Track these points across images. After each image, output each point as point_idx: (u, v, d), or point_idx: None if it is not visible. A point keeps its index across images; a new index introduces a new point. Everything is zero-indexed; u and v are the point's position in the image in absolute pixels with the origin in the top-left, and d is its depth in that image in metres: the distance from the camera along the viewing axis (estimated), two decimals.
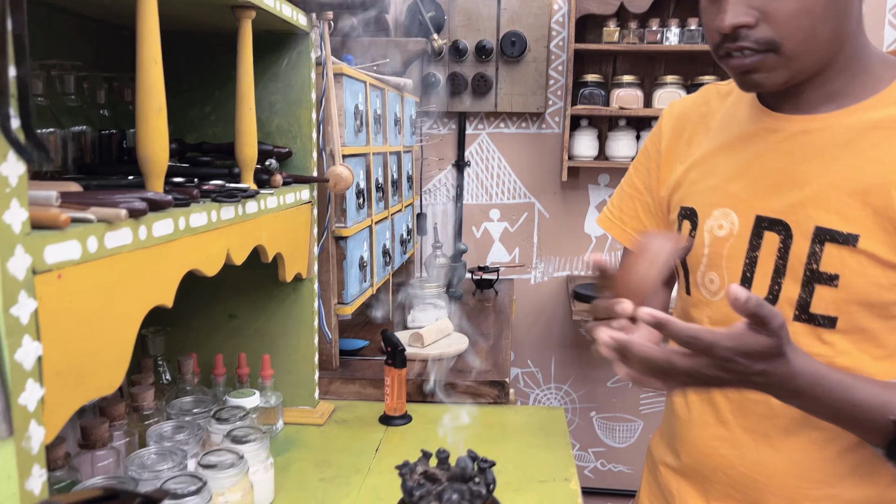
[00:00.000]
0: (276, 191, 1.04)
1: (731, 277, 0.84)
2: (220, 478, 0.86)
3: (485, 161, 2.34)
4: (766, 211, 0.81)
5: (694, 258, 0.88)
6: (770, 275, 0.80)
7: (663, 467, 0.97)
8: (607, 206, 1.06)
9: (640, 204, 1.01)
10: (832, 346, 0.77)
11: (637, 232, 1.01)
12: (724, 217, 0.85)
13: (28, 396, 0.52)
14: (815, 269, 0.77)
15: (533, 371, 2.45)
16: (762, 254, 0.81)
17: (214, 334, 1.27)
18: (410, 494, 0.72)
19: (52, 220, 0.56)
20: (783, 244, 0.79)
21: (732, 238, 0.84)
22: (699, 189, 0.89)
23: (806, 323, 0.78)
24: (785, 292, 0.79)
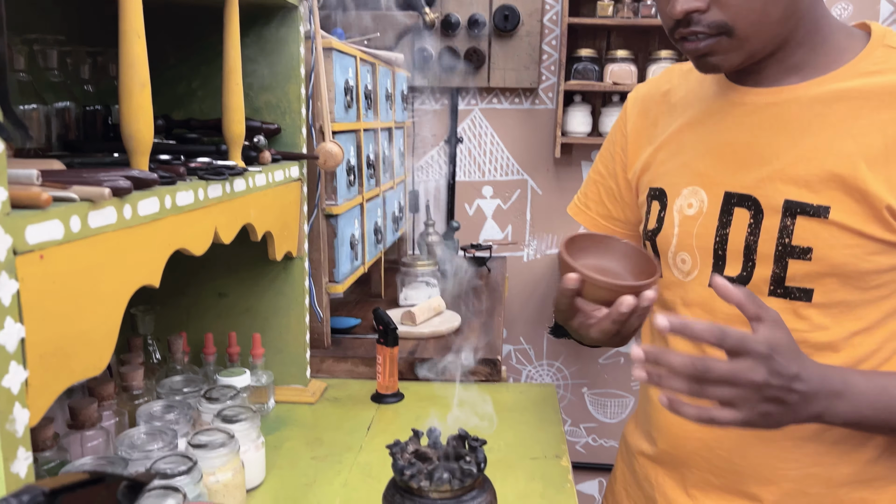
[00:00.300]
0: (264, 168, 1.02)
1: (702, 256, 0.83)
2: (211, 457, 0.86)
3: (477, 137, 2.32)
4: (734, 187, 0.80)
5: (664, 239, 0.87)
6: (742, 251, 0.80)
7: (640, 456, 0.96)
8: (577, 194, 1.07)
9: (603, 189, 1.01)
10: (808, 320, 0.77)
11: (602, 217, 1.01)
12: (694, 195, 0.84)
13: (11, 379, 0.51)
14: (788, 244, 0.76)
15: (525, 348, 2.46)
16: (733, 231, 0.80)
17: (204, 313, 1.26)
18: (401, 473, 0.72)
19: (34, 200, 0.55)
20: (754, 220, 0.78)
21: (702, 216, 0.83)
22: (668, 169, 0.88)
23: (781, 297, 0.78)
24: (759, 269, 0.79)
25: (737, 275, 0.80)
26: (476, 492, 0.72)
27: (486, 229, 2.38)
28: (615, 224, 1.01)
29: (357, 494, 0.96)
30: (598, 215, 1.02)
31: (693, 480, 0.87)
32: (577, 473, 2.52)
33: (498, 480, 0.97)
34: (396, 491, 0.73)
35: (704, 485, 0.86)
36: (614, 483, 1.04)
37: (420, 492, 0.71)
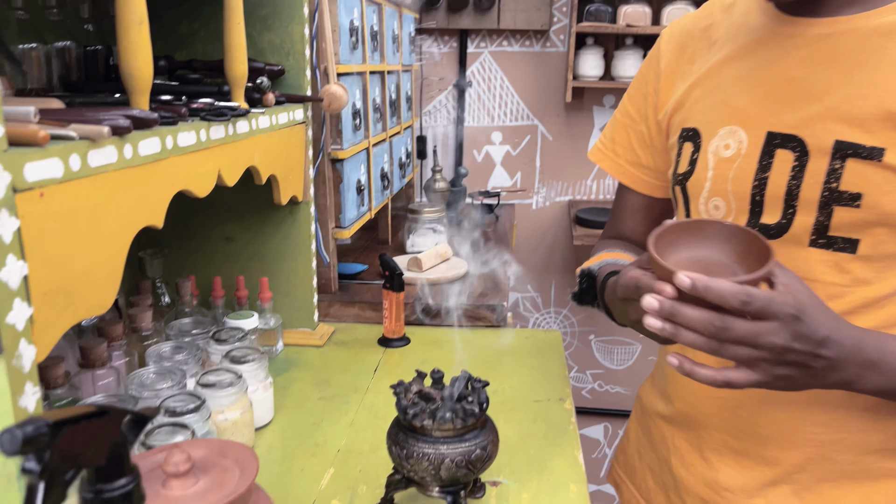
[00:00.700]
0: (267, 110, 1.01)
1: (737, 202, 0.77)
2: (220, 396, 0.87)
3: (487, 81, 2.28)
4: (778, 126, 0.73)
5: (696, 183, 0.81)
6: (782, 198, 0.73)
7: (655, 417, 0.92)
8: (600, 137, 1.00)
9: (633, 133, 0.94)
10: (851, 274, 0.71)
11: (630, 164, 0.95)
12: (732, 136, 0.77)
13: (16, 315, 0.52)
14: (835, 189, 0.69)
15: (533, 296, 2.47)
16: (773, 174, 0.73)
17: (212, 257, 1.27)
18: (405, 413, 0.73)
19: (31, 137, 0.54)
20: (798, 162, 0.72)
21: (740, 158, 0.76)
22: (703, 107, 0.81)
23: (823, 248, 0.71)
24: (800, 216, 0.72)
25: (775, 223, 0.74)
26: (478, 431, 0.74)
27: (495, 176, 2.36)
28: (643, 172, 0.94)
29: (363, 434, 0.98)
30: (627, 162, 0.95)
31: (710, 443, 0.82)
32: (582, 418, 2.56)
33: (501, 422, 0.99)
34: (400, 430, 0.74)
35: (722, 447, 0.81)
36: (627, 444, 1.01)
37: (423, 430, 0.72)
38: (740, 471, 0.80)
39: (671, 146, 0.87)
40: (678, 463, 0.86)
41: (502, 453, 0.91)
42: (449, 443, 0.71)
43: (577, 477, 0.87)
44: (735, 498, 0.80)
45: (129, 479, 0.45)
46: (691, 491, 0.84)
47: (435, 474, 0.71)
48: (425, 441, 0.72)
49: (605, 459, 2.60)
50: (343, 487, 0.85)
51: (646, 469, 0.94)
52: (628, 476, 0.99)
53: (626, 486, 0.99)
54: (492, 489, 0.85)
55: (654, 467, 0.92)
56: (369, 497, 0.83)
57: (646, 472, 0.94)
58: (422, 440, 0.72)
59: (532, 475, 0.88)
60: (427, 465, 0.71)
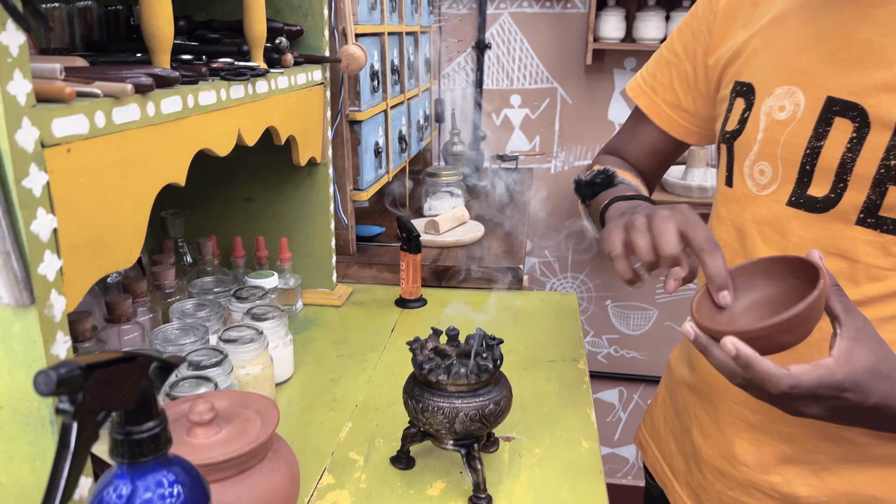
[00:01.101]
0: (286, 71, 1.01)
1: (785, 169, 0.72)
2: (241, 352, 0.90)
3: (506, 43, 2.26)
4: (840, 92, 0.67)
5: (744, 143, 0.76)
6: (834, 170, 0.68)
7: (681, 384, 0.90)
8: (640, 71, 0.94)
9: (676, 72, 0.88)
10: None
11: (667, 104, 0.90)
12: (788, 96, 0.71)
13: (46, 267, 0.54)
14: (893, 167, 0.64)
15: (550, 261, 2.47)
16: (828, 144, 0.68)
17: (232, 218, 1.29)
18: (420, 368, 0.75)
19: (57, 93, 0.55)
20: (856, 134, 0.66)
21: (794, 122, 0.71)
22: (761, 60, 0.75)
23: (871, 228, 0.67)
24: (850, 192, 0.67)
25: (822, 196, 0.69)
26: (492, 387, 0.75)
27: (514, 140, 2.35)
28: (680, 115, 0.90)
29: (380, 390, 1.00)
30: (665, 102, 0.90)
31: (727, 415, 0.81)
32: (598, 382, 2.58)
33: (515, 381, 1.01)
34: (416, 384, 0.76)
35: (738, 420, 0.79)
36: (655, 408, 1.00)
37: (438, 385, 0.74)
38: (757, 445, 0.78)
39: (721, 98, 0.82)
40: (698, 433, 0.86)
41: (515, 411, 0.93)
42: (463, 397, 0.73)
43: (589, 434, 0.89)
44: (751, 472, 0.78)
45: (156, 423, 0.47)
46: (709, 462, 0.84)
47: (449, 427, 0.73)
48: (440, 395, 0.73)
49: (620, 423, 2.63)
50: (361, 440, 0.88)
51: (669, 434, 0.94)
52: (653, 440, 0.99)
53: (651, 449, 0.99)
54: (505, 444, 0.87)
55: (677, 434, 0.92)
56: (386, 449, 0.86)
57: (669, 438, 0.94)
58: (437, 394, 0.74)
59: (545, 431, 0.90)
60: (442, 419, 0.73)
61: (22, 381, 0.55)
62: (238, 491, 0.64)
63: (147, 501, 0.47)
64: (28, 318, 0.53)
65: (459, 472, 0.81)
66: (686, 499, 0.89)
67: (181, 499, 0.48)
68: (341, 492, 0.78)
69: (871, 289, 0.68)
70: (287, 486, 0.68)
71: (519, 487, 0.79)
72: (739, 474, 0.80)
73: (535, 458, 0.84)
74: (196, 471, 0.51)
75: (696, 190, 1.99)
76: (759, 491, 0.78)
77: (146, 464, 0.47)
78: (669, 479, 0.93)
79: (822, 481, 0.74)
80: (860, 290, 0.68)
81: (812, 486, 0.74)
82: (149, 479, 0.47)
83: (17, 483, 0.58)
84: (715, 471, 0.83)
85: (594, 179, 0.87)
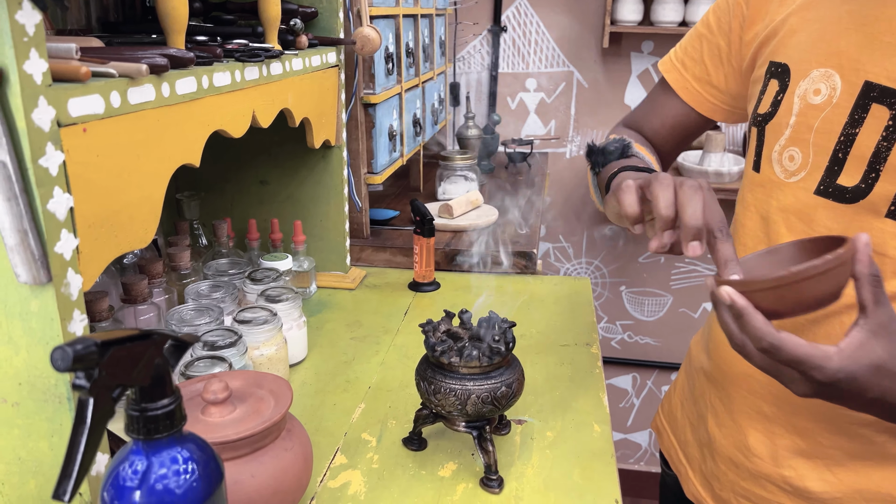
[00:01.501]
0: (301, 52, 1.01)
1: (816, 155, 0.69)
2: (255, 333, 0.91)
3: (522, 26, 2.24)
4: (879, 77, 0.64)
5: (776, 127, 0.73)
6: (867, 159, 0.65)
7: (700, 371, 0.89)
8: (675, 47, 0.92)
9: (707, 46, 0.85)
10: None
11: (696, 79, 0.88)
12: (825, 80, 0.69)
13: (63, 245, 0.54)
14: None
15: (564, 246, 2.46)
16: (864, 132, 0.65)
17: (247, 200, 1.30)
18: (433, 350, 0.75)
19: (73, 73, 0.56)
20: (893, 122, 0.63)
21: (830, 107, 0.68)
22: (798, 41, 0.72)
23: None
24: (882, 183, 0.65)
25: (852, 185, 0.67)
26: (503, 369, 0.75)
27: (529, 124, 2.33)
28: (710, 92, 0.87)
29: (393, 372, 1.01)
30: (693, 77, 0.87)
31: (741, 405, 0.80)
32: (611, 368, 2.58)
33: (527, 364, 1.01)
34: (429, 366, 0.76)
35: (752, 411, 0.78)
36: (673, 393, 0.99)
37: (450, 367, 0.74)
38: (771, 437, 0.77)
39: (756, 79, 0.79)
40: (713, 422, 0.85)
41: (528, 394, 0.93)
42: (475, 379, 0.73)
43: (601, 418, 0.89)
44: (764, 464, 0.78)
45: (171, 400, 0.47)
46: (722, 452, 0.83)
47: (461, 409, 0.74)
48: (452, 377, 0.74)
49: (633, 409, 2.63)
50: (373, 421, 0.89)
51: (686, 421, 0.93)
52: (670, 425, 0.98)
53: (667, 434, 0.98)
54: (517, 427, 0.87)
55: (693, 421, 0.91)
56: (398, 431, 0.86)
57: (686, 424, 0.93)
58: (449, 376, 0.74)
59: (557, 415, 0.90)
60: (454, 401, 0.73)
61: (39, 359, 0.56)
62: (252, 469, 0.64)
63: (162, 477, 0.47)
64: (45, 296, 0.54)
65: (471, 453, 0.82)
66: (699, 487, 0.88)
67: (195, 475, 0.49)
68: (354, 472, 0.79)
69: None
70: (300, 465, 0.68)
71: (530, 470, 0.79)
72: (752, 466, 0.79)
73: (547, 441, 0.84)
74: (210, 448, 0.52)
75: (713, 175, 1.97)
76: (771, 483, 0.78)
77: (161, 440, 0.48)
78: (684, 465, 0.92)
79: (836, 476, 0.73)
80: (887, 286, 0.66)
81: (825, 482, 0.73)
82: (164, 456, 0.48)
83: (35, 458, 0.59)
84: (728, 461, 0.82)
85: (608, 147, 0.85)
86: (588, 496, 0.75)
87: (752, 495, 0.80)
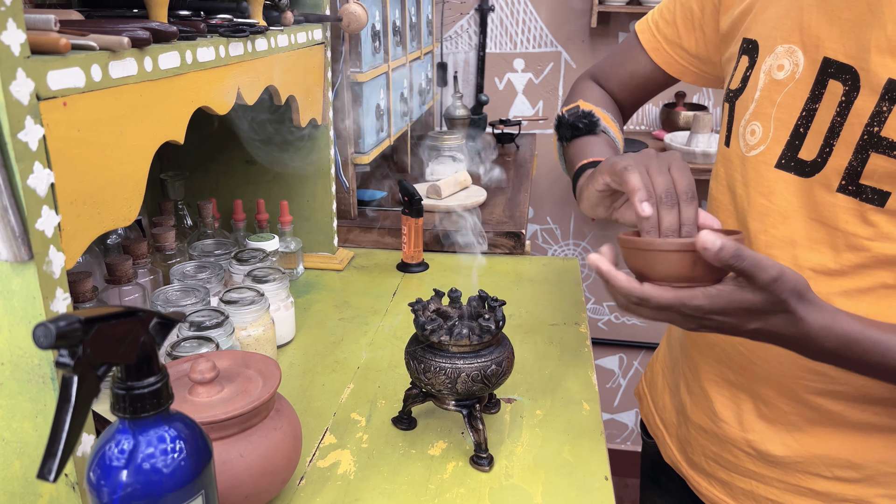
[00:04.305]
0: (286, 29, 0.99)
1: (777, 130, 0.70)
2: (242, 313, 0.90)
3: (510, 5, 2.21)
4: (836, 53, 0.65)
5: (743, 103, 0.74)
6: (823, 133, 0.67)
7: (675, 340, 0.92)
8: (653, 9, 0.93)
9: (681, 8, 0.86)
10: (875, 227, 0.66)
11: (667, 41, 0.88)
12: (788, 56, 0.69)
13: (44, 222, 0.53)
14: (875, 133, 0.63)
15: (552, 227, 2.46)
16: (822, 107, 0.66)
17: (232, 180, 1.28)
18: (423, 329, 0.74)
19: (52, 45, 0.54)
20: (845, 98, 0.64)
21: (792, 83, 0.69)
22: (768, 16, 0.72)
23: (851, 196, 0.66)
24: (834, 157, 0.66)
25: (811, 160, 0.68)
26: (493, 347, 0.75)
27: (517, 104, 2.32)
28: (679, 54, 0.88)
29: (382, 352, 1.00)
30: (664, 39, 0.88)
31: (707, 373, 0.82)
32: (598, 349, 2.59)
33: (517, 344, 1.01)
34: (418, 345, 0.76)
35: (719, 378, 0.80)
36: (655, 361, 1.01)
37: (440, 345, 0.74)
38: (736, 402, 0.79)
39: (730, 56, 0.80)
40: (685, 389, 0.87)
41: (517, 373, 0.93)
42: (465, 358, 0.73)
43: (590, 396, 0.89)
44: (730, 429, 0.80)
45: (158, 378, 0.47)
46: (693, 418, 0.85)
47: (451, 388, 0.73)
48: (442, 356, 0.73)
49: (620, 389, 2.65)
50: (362, 401, 0.88)
51: (666, 387, 0.95)
52: (650, 391, 1.00)
53: (647, 400, 1.00)
54: (506, 405, 0.87)
55: (671, 387, 0.93)
56: (388, 410, 0.86)
57: (665, 391, 0.95)
58: (439, 355, 0.74)
59: (546, 393, 0.90)
60: (444, 379, 0.73)
61: (22, 338, 0.55)
62: (241, 449, 0.64)
63: (149, 456, 0.47)
64: (27, 273, 0.53)
65: (461, 432, 0.82)
66: (675, 451, 0.91)
67: (183, 454, 0.48)
68: (343, 451, 0.79)
69: (850, 258, 0.67)
70: (289, 444, 0.68)
71: (520, 448, 0.79)
72: (720, 430, 0.81)
73: (537, 419, 0.85)
74: (198, 427, 0.51)
75: (701, 156, 1.97)
76: (737, 448, 0.80)
77: (148, 419, 0.47)
78: (661, 430, 0.94)
79: (797, 441, 0.75)
80: (839, 259, 0.68)
81: (787, 446, 0.76)
82: (150, 434, 0.47)
83: (19, 439, 0.59)
84: (698, 427, 0.85)
85: (577, 123, 0.88)
86: (577, 473, 0.75)
87: (721, 459, 0.82)
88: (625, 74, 0.96)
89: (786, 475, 0.76)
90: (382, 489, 0.73)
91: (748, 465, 0.79)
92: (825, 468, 0.74)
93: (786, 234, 0.71)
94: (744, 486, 0.80)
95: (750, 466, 0.79)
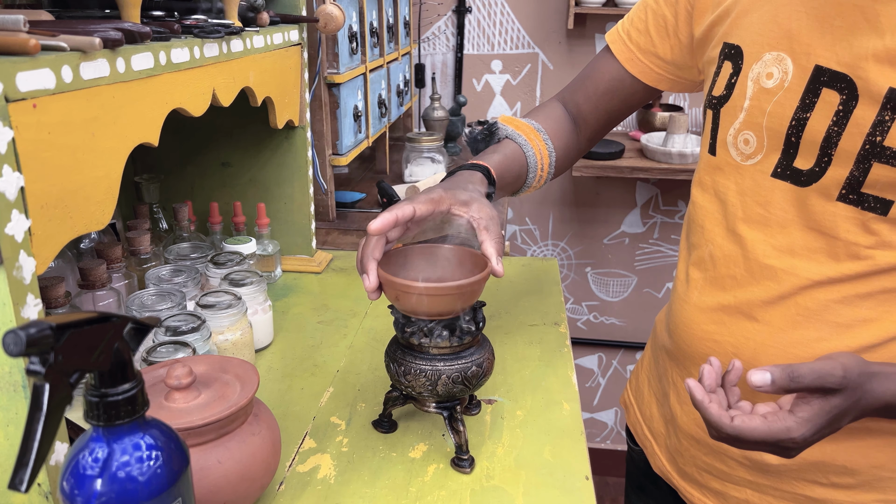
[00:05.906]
0: (262, 30, 0.98)
1: (770, 140, 0.70)
2: (219, 317, 0.89)
3: (487, 7, 2.22)
4: (829, 61, 0.64)
5: (730, 111, 0.73)
6: (819, 144, 0.66)
7: (662, 349, 0.90)
8: (622, 19, 0.91)
9: (653, 16, 0.85)
10: (877, 236, 0.65)
11: (641, 50, 0.87)
12: (777, 63, 0.69)
13: (14, 227, 0.52)
14: (878, 143, 0.62)
15: (531, 228, 2.47)
16: (815, 115, 0.66)
17: (208, 183, 1.27)
18: (403, 331, 0.74)
19: (21, 46, 0.53)
20: (843, 107, 0.64)
21: (781, 91, 0.68)
22: (751, 21, 0.71)
23: (852, 205, 0.65)
24: (834, 167, 0.65)
25: (807, 169, 0.67)
26: (474, 349, 0.75)
27: (495, 106, 2.32)
28: (656, 63, 0.87)
29: (361, 355, 1.00)
30: (638, 49, 0.87)
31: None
32: (577, 349, 2.61)
33: (497, 345, 1.01)
34: (398, 347, 0.76)
35: None
36: (640, 369, 1.00)
37: (420, 348, 0.73)
38: None
39: (710, 60, 0.79)
40: (675, 399, 0.86)
41: (497, 374, 0.93)
42: (446, 359, 0.73)
43: (570, 396, 0.90)
44: None
45: (133, 384, 0.46)
46: (684, 428, 0.84)
47: (432, 390, 0.73)
48: (423, 358, 0.73)
49: (599, 389, 2.66)
50: (342, 405, 0.88)
51: (652, 397, 0.94)
52: (637, 401, 0.99)
53: (634, 409, 0.99)
54: (487, 406, 0.87)
55: (658, 397, 0.92)
56: (368, 413, 0.86)
57: (652, 400, 0.94)
58: (419, 357, 0.73)
59: (526, 394, 0.90)
60: (424, 381, 0.73)
61: None
62: (218, 455, 0.63)
63: (124, 464, 0.46)
64: None
65: (442, 434, 0.81)
66: (665, 461, 0.90)
67: (159, 462, 0.47)
68: (323, 455, 0.78)
69: (851, 267, 0.67)
70: (268, 449, 0.67)
71: (501, 449, 0.79)
72: (712, 441, 0.80)
73: (517, 420, 0.85)
74: (175, 434, 0.50)
75: (677, 157, 1.99)
76: (730, 458, 0.79)
77: (122, 426, 0.46)
78: (650, 440, 0.94)
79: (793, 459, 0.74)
80: (839, 268, 0.68)
81: None
82: (125, 442, 0.46)
83: None
84: (689, 437, 0.84)
85: (477, 136, 0.91)
86: (558, 473, 0.75)
87: (714, 469, 0.81)
88: (591, 87, 0.95)
89: (781, 483, 0.76)
90: (363, 493, 0.72)
91: (742, 475, 0.79)
92: (821, 475, 0.74)
93: (784, 244, 0.70)
94: (738, 496, 0.79)
95: (744, 475, 0.78)
